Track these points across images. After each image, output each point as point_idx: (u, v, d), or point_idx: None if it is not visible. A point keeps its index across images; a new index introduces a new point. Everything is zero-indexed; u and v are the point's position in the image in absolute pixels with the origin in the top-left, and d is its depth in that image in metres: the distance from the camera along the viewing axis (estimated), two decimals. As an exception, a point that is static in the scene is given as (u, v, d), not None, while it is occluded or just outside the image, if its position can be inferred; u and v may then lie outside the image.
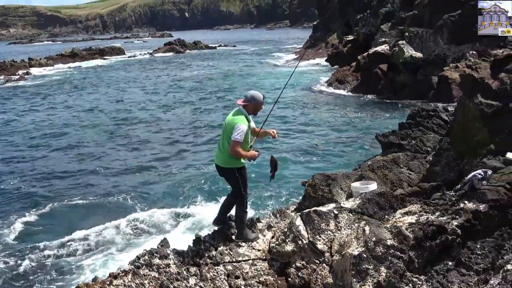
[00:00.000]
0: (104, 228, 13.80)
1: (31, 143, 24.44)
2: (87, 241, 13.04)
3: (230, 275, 6.72)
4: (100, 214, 14.81)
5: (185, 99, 36.94)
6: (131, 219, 14.33)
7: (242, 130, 6.84)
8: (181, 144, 23.15)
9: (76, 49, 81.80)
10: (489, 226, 6.20)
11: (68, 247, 12.74)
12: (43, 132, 26.81)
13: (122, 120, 29.53)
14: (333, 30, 65.56)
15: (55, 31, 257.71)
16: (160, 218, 14.39)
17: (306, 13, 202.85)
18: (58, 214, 15.22)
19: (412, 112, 14.23)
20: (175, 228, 13.62)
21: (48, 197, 16.66)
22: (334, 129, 24.47)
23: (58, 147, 23.48)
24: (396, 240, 5.93)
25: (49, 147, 23.55)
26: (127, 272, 6.62)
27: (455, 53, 31.01)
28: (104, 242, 12.99)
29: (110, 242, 12.99)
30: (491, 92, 9.05)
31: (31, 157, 21.74)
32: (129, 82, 48.51)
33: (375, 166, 10.65)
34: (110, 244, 12.88)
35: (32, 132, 27.09)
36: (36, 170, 19.72)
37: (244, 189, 7.26)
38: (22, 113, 33.53)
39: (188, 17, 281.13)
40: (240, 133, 6.81)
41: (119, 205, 15.51)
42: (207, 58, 73.98)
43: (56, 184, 18.05)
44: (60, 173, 19.25)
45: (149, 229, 13.65)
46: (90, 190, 17.19)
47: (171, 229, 13.59)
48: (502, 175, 6.83)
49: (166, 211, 14.85)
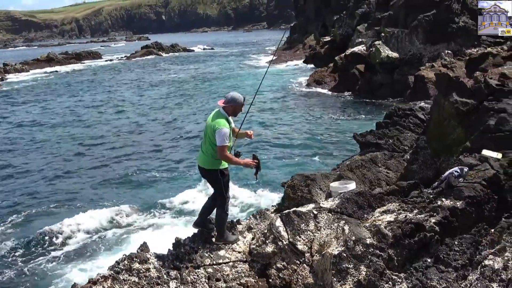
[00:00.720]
0: (83, 234, 13.68)
1: (6, 148, 24.13)
2: (65, 247, 12.92)
3: (211, 277, 6.70)
4: (78, 220, 14.63)
5: (163, 103, 36.76)
6: (109, 224, 14.22)
7: (225, 133, 6.80)
8: (161, 148, 23.04)
9: (52, 53, 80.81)
10: (466, 222, 6.26)
11: (46, 254, 12.60)
12: (17, 137, 26.46)
13: (101, 124, 29.29)
14: (310, 31, 65.82)
15: (30, 36, 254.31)
16: (139, 222, 14.31)
17: (283, 15, 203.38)
18: (37, 220, 15.02)
19: (389, 112, 14.37)
20: (155, 232, 13.54)
21: (26, 203, 16.46)
22: (313, 129, 24.57)
23: (36, 152, 23.21)
24: (375, 239, 5.96)
25: (26, 152, 23.25)
26: (106, 277, 6.54)
27: (431, 52, 31.44)
28: (83, 247, 12.87)
29: (89, 247, 12.87)
30: (466, 91, 9.16)
31: (5, 164, 21.44)
32: (106, 87, 48.07)
33: (353, 166, 10.71)
34: (89, 249, 12.77)
35: (8, 137, 26.71)
36: (10, 177, 19.45)
37: (225, 191, 7.23)
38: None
39: (165, 20, 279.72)
40: (224, 137, 6.78)
41: (97, 211, 15.33)
42: (185, 61, 73.67)
43: (35, 189, 17.84)
44: (37, 179, 19.02)
45: (128, 233, 13.55)
46: (68, 197, 17.02)
47: (151, 233, 13.50)
48: (478, 171, 6.91)
49: (145, 216, 14.78)
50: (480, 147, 7.74)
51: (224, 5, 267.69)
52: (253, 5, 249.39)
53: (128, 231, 13.72)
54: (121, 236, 13.44)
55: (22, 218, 15.19)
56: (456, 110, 8.91)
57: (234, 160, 7.02)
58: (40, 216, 15.35)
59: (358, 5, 45.83)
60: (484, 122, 8.24)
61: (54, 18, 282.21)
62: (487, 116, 8.34)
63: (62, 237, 13.44)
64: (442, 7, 31.23)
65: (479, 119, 8.49)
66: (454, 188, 6.57)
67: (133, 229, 13.85)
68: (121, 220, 14.51)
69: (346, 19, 47.38)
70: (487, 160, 7.18)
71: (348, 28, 44.76)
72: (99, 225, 14.21)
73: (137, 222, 14.32)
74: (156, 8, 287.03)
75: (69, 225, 14.27)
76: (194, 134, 24.81)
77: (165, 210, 15.14)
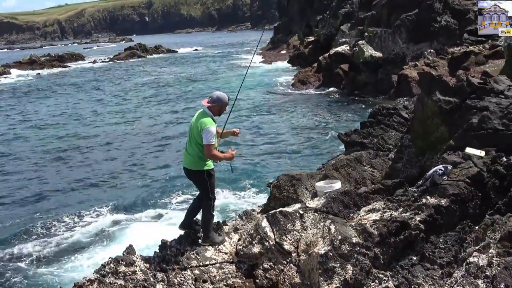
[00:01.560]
0: (68, 237, 13.58)
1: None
2: (50, 249, 12.81)
3: (198, 279, 6.68)
4: (63, 223, 14.56)
5: (148, 105, 36.62)
6: (95, 226, 14.13)
7: (212, 132, 6.80)
8: (145, 149, 22.95)
9: (34, 56, 79.99)
10: (451, 220, 6.32)
11: (31, 256, 12.49)
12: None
13: (83, 127, 29.10)
14: (294, 31, 65.96)
15: (11, 38, 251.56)
16: (125, 225, 14.23)
17: (266, 15, 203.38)
18: (19, 224, 14.87)
19: (373, 111, 14.44)
20: (141, 234, 13.46)
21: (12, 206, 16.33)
22: (297, 130, 24.63)
23: (19, 155, 23.00)
24: (361, 238, 6.00)
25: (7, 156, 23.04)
26: (92, 281, 6.49)
27: (414, 51, 31.68)
28: (69, 251, 12.77)
29: (74, 251, 12.77)
30: (449, 89, 9.25)
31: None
32: (90, 89, 47.72)
33: (338, 165, 10.74)
34: (75, 252, 12.66)
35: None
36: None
37: (211, 192, 7.21)
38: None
39: (149, 21, 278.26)
40: (210, 136, 6.77)
41: (83, 214, 15.24)
42: (170, 63, 73.30)
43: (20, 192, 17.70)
44: (20, 182, 18.86)
45: (114, 236, 13.47)
46: (51, 200, 16.91)
47: (137, 235, 13.42)
48: (462, 169, 6.98)
49: (130, 218, 14.71)
50: (464, 145, 7.82)
51: (207, 6, 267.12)
52: (237, 6, 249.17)
53: (113, 234, 13.63)
54: (107, 238, 13.35)
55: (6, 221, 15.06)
56: (439, 108, 8.99)
57: (221, 156, 7.04)
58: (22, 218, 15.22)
59: (341, 5, 46.01)
60: (467, 120, 8.33)
61: (36, 20, 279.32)
62: (470, 114, 8.43)
63: (47, 240, 13.33)
64: (424, 7, 31.48)
65: (462, 117, 8.57)
66: (438, 186, 6.63)
67: (119, 231, 13.76)
68: (105, 222, 14.43)
69: (329, 19, 47.55)
70: (471, 158, 7.25)
71: (332, 28, 44.93)
72: (83, 228, 14.11)
73: (122, 225, 14.24)
74: (139, 10, 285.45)
75: (54, 227, 14.19)
76: (180, 135, 24.69)
77: (151, 212, 15.07)
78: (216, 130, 6.94)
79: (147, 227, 13.89)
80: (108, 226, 14.15)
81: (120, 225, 14.20)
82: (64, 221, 14.65)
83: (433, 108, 9.14)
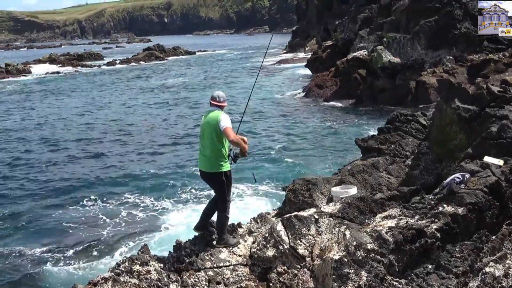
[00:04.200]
0: (84, 235, 13.68)
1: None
2: (66, 248, 12.90)
3: (211, 281, 6.69)
4: (79, 221, 14.67)
5: (166, 105, 36.83)
6: (111, 226, 14.22)
7: (227, 118, 6.95)
8: (164, 149, 23.12)
9: (53, 54, 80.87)
10: (467, 229, 6.26)
11: (47, 254, 12.59)
12: (17, 136, 26.49)
13: (104, 126, 29.32)
14: (312, 35, 65.88)
15: (32, 36, 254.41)
16: (140, 224, 14.30)
17: (285, 18, 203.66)
18: (35, 220, 15.01)
19: (391, 117, 14.35)
20: (156, 234, 13.54)
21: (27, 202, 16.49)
22: (314, 134, 24.57)
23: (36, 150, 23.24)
24: (376, 244, 5.96)
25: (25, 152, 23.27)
26: (107, 279, 6.53)
27: (432, 58, 31.43)
28: (84, 249, 12.86)
29: (89, 249, 12.86)
30: (468, 97, 9.17)
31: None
32: (108, 89, 48.12)
33: (355, 171, 10.69)
34: (90, 251, 12.76)
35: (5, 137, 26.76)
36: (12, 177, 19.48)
37: (227, 194, 7.23)
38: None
39: (167, 22, 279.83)
40: (227, 121, 6.89)
41: (98, 213, 15.35)
42: (189, 64, 73.48)
43: (34, 190, 17.88)
44: (37, 179, 19.06)
45: (129, 235, 13.55)
46: (69, 196, 17.04)
47: (152, 235, 13.51)
48: (479, 178, 6.91)
49: (146, 218, 14.78)
50: (482, 153, 7.74)
51: (226, 8, 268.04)
52: (255, 9, 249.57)
53: (128, 233, 13.71)
54: (122, 238, 13.43)
55: (23, 217, 15.20)
56: (458, 116, 8.92)
57: (240, 140, 7.04)
58: (40, 215, 15.37)
59: (360, 9, 45.83)
60: (486, 129, 8.24)
61: (56, 19, 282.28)
62: (489, 122, 8.35)
63: (64, 239, 13.45)
64: (444, 13, 31.25)
65: (481, 126, 8.49)
66: (455, 194, 6.57)
67: (134, 231, 13.84)
68: (121, 222, 14.52)
69: (348, 23, 47.37)
70: (489, 167, 7.17)
71: (350, 33, 44.73)
72: (99, 227, 14.22)
73: (138, 225, 14.31)
74: (158, 11, 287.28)
75: (69, 225, 14.30)
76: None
77: (166, 213, 15.13)
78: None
79: (161, 228, 13.96)
80: (123, 226, 14.24)
81: (135, 225, 14.28)
82: (79, 220, 14.77)
83: (451, 116, 9.07)
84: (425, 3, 32.16)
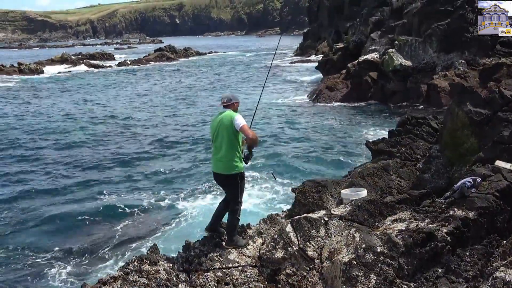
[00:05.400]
0: (94, 234, 13.73)
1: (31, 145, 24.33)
2: (76, 247, 12.96)
3: (220, 281, 6.70)
4: (89, 220, 14.73)
5: (176, 106, 36.91)
6: (121, 225, 14.27)
7: (241, 116, 7.03)
8: (176, 150, 23.13)
9: (66, 54, 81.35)
10: (478, 233, 6.23)
11: (57, 253, 12.66)
12: (31, 137, 26.65)
13: (115, 127, 29.45)
14: (323, 37, 65.79)
15: (45, 36, 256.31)
16: (150, 224, 14.34)
17: (296, 20, 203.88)
18: (46, 220, 15.08)
19: (402, 120, 14.31)
20: (165, 234, 13.57)
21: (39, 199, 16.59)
22: (324, 136, 24.53)
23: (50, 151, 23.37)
24: (386, 247, 5.94)
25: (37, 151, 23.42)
26: (116, 278, 6.56)
27: (444, 61, 31.29)
28: (93, 248, 12.92)
29: (99, 248, 12.91)
30: (480, 101, 9.13)
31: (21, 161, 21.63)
32: (119, 89, 48.34)
33: (365, 173, 10.66)
34: (99, 250, 12.81)
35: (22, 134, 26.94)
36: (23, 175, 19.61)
37: (240, 196, 7.25)
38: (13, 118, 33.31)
39: (179, 24, 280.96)
40: (241, 119, 6.97)
41: (108, 212, 15.40)
42: (200, 65, 73.55)
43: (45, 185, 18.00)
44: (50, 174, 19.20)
45: (138, 235, 13.59)
46: (79, 195, 17.11)
47: (161, 235, 13.55)
48: (491, 182, 6.87)
49: (156, 218, 14.81)
50: (494, 157, 7.71)
51: (237, 10, 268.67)
52: (267, 11, 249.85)
53: (138, 233, 13.75)
54: (131, 237, 13.47)
55: (34, 217, 15.29)
56: (469, 119, 8.88)
57: (256, 135, 7.16)
58: (50, 213, 15.44)
59: (372, 12, 45.70)
60: (498, 133, 8.21)
61: (69, 19, 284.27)
62: (501, 126, 8.31)
63: (72, 236, 13.52)
64: (457, 16, 31.11)
65: (493, 130, 8.45)
66: (466, 198, 6.54)
67: (144, 231, 13.88)
68: (131, 221, 14.57)
69: (359, 26, 47.21)
70: (500, 171, 7.14)
71: (362, 35, 44.59)
72: (110, 226, 14.27)
73: (148, 224, 14.35)
74: (170, 12, 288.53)
75: (79, 224, 14.37)
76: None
77: (176, 213, 15.16)
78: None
79: (171, 228, 13.98)
80: (132, 226, 14.28)
81: (144, 225, 14.32)
82: (87, 219, 14.84)
83: (463, 119, 9.03)
84: (438, 6, 32.02)
